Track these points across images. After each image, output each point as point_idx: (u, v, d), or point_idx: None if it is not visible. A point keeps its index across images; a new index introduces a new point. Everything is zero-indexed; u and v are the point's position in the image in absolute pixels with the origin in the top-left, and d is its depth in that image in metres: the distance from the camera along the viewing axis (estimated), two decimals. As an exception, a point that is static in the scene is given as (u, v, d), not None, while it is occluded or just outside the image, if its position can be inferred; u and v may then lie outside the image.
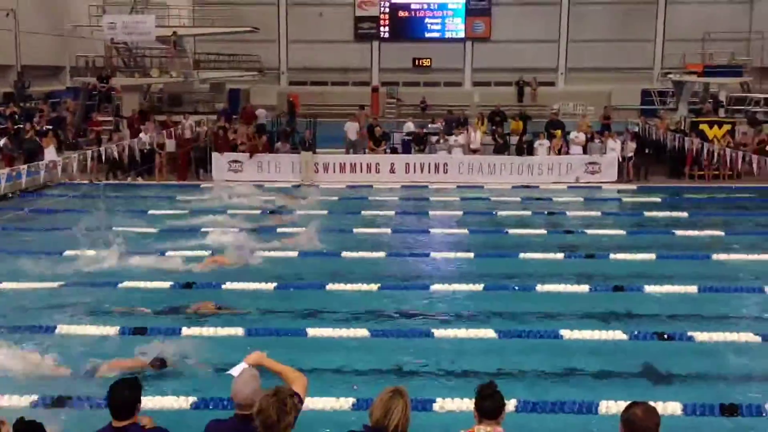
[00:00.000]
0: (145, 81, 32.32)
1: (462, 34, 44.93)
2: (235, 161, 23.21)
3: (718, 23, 38.45)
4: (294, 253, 14.14)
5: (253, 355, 5.05)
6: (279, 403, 4.09)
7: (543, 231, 16.54)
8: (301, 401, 4.34)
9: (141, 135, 23.91)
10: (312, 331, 9.82)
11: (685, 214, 18.19)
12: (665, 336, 9.76)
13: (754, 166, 21.61)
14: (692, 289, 11.78)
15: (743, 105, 32.36)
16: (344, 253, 14.00)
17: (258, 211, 18.39)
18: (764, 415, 7.57)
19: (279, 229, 16.17)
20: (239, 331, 9.88)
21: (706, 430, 7.48)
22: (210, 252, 13.88)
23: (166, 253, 13.74)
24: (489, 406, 4.54)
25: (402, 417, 4.14)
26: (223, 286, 11.84)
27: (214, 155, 23.28)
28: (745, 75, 31.87)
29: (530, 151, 24.06)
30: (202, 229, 15.85)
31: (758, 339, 9.62)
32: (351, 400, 7.73)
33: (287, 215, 18.03)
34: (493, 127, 26.67)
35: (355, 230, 16.23)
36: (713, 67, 30.24)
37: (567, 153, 23.89)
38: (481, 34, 44.54)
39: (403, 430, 4.15)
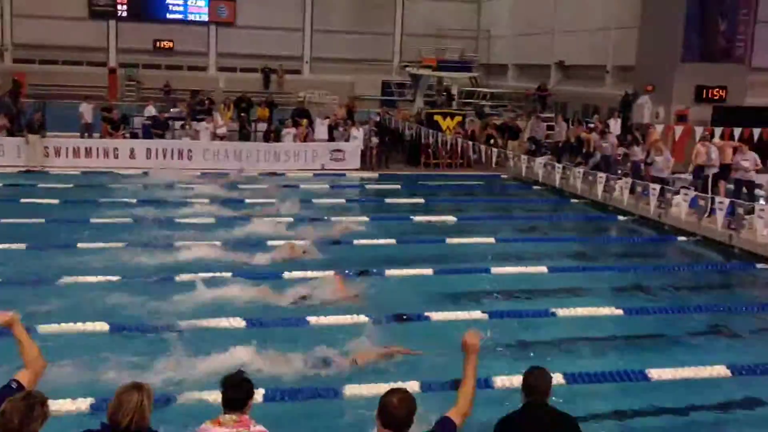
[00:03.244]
0: None
1: (206, 18, 43.91)
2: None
3: (451, 20, 41.06)
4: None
5: (5, 315, 4.52)
6: (26, 408, 3.74)
7: (290, 219, 16.63)
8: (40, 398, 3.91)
9: None
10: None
11: (422, 200, 19.25)
12: (404, 317, 10.24)
13: (482, 155, 23.40)
14: (428, 271, 12.51)
15: (473, 98, 34.91)
16: (80, 245, 13.11)
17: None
18: (493, 388, 8.15)
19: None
20: None
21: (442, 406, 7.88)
22: None
23: None
24: (238, 395, 4.40)
25: (136, 412, 3.96)
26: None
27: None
28: (474, 71, 34.34)
29: (277, 138, 24.14)
30: None
31: (486, 316, 10.41)
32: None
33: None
34: (241, 114, 26.42)
35: (92, 219, 15.26)
36: (446, 62, 32.15)
37: (313, 140, 24.29)
38: (225, 19, 43.82)
39: (140, 425, 3.96)
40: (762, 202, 15.63)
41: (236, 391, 4.41)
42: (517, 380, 7.77)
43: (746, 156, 16.80)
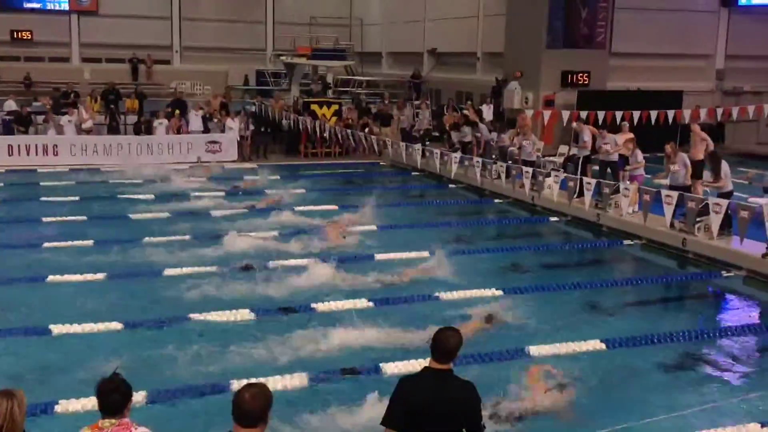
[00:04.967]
0: None
1: (66, 6, 41.76)
2: None
3: (323, 9, 40.86)
4: None
5: None
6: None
7: (167, 214, 16.20)
8: None
9: None
10: None
11: (303, 191, 19.14)
12: (291, 309, 10.21)
13: (360, 143, 23.49)
14: (313, 261, 12.49)
15: (348, 87, 34.96)
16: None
17: None
18: (382, 375, 8.23)
19: None
20: None
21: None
22: None
23: None
24: (114, 400, 4.23)
25: (6, 419, 3.81)
26: None
27: None
28: (348, 59, 34.38)
29: (148, 131, 23.39)
30: None
31: (371, 304, 10.49)
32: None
33: None
34: (110, 106, 25.44)
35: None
36: (320, 50, 32.04)
37: (187, 132, 23.68)
38: (87, 7, 41.85)
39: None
40: (627, 181, 16.45)
41: (112, 394, 4.23)
42: (405, 368, 7.96)
43: (606, 140, 17.63)
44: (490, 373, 8.08)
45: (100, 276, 11.57)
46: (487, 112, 26.11)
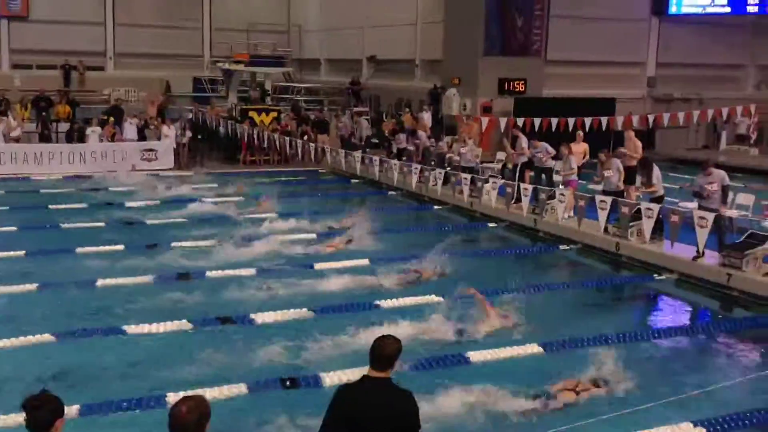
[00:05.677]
0: None
1: (-5, 11, 40.67)
2: None
3: (261, 15, 40.59)
4: None
5: None
6: None
7: (102, 224, 15.86)
8: None
9: None
10: None
11: (241, 198, 18.94)
12: (229, 320, 10.07)
13: (299, 151, 23.38)
14: (251, 271, 12.38)
15: (287, 94, 34.78)
16: None
17: None
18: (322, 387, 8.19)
19: None
20: None
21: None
22: None
23: None
24: (41, 416, 4.08)
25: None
26: None
27: None
28: (287, 65, 34.20)
29: (81, 139, 22.86)
30: None
31: (311, 314, 10.43)
32: None
33: None
34: (42, 113, 24.81)
35: None
36: (258, 57, 31.77)
37: (122, 140, 23.23)
38: (17, 13, 40.76)
39: None
40: (561, 187, 16.73)
41: (40, 411, 4.09)
42: (345, 376, 7.92)
43: (538, 148, 17.87)
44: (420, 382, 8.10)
45: (31, 286, 11.24)
46: (427, 118, 26.28)
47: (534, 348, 9.33)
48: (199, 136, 25.07)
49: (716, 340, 10.39)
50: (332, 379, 8.12)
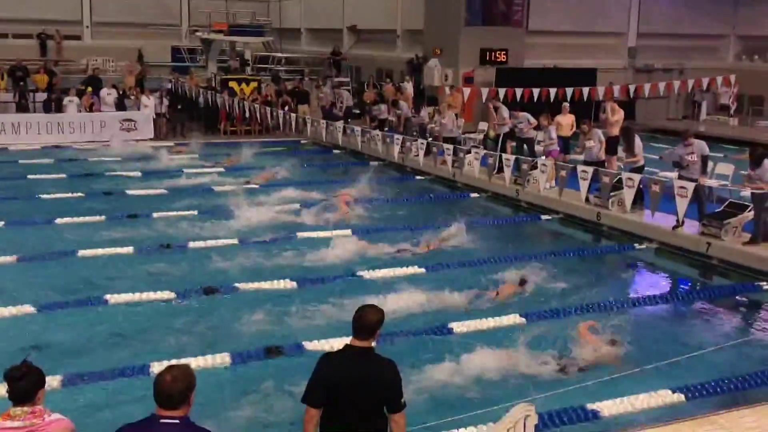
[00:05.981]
0: None
1: (-32, -22, 39.85)
2: None
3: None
4: None
5: None
6: None
7: (81, 194, 15.72)
8: None
9: None
10: None
11: (222, 169, 18.83)
12: (215, 290, 10.05)
13: (280, 121, 23.24)
14: (234, 241, 12.36)
15: (267, 63, 34.47)
16: None
17: None
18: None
19: None
20: None
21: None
22: None
23: None
24: (23, 387, 4.07)
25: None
26: None
27: None
28: (266, 35, 33.87)
29: (59, 109, 22.57)
30: None
31: (294, 284, 10.43)
32: None
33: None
34: (19, 83, 24.46)
35: None
36: (238, 26, 31.45)
37: (99, 110, 22.96)
38: (-8, -20, 40.02)
39: None
40: (543, 158, 16.77)
41: (21, 381, 4.08)
42: (328, 346, 7.94)
43: (520, 119, 17.89)
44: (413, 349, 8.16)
45: (11, 258, 11.17)
46: (408, 88, 26.18)
47: (516, 318, 9.40)
48: (179, 106, 24.81)
49: (695, 309, 10.53)
50: (315, 347, 8.14)
